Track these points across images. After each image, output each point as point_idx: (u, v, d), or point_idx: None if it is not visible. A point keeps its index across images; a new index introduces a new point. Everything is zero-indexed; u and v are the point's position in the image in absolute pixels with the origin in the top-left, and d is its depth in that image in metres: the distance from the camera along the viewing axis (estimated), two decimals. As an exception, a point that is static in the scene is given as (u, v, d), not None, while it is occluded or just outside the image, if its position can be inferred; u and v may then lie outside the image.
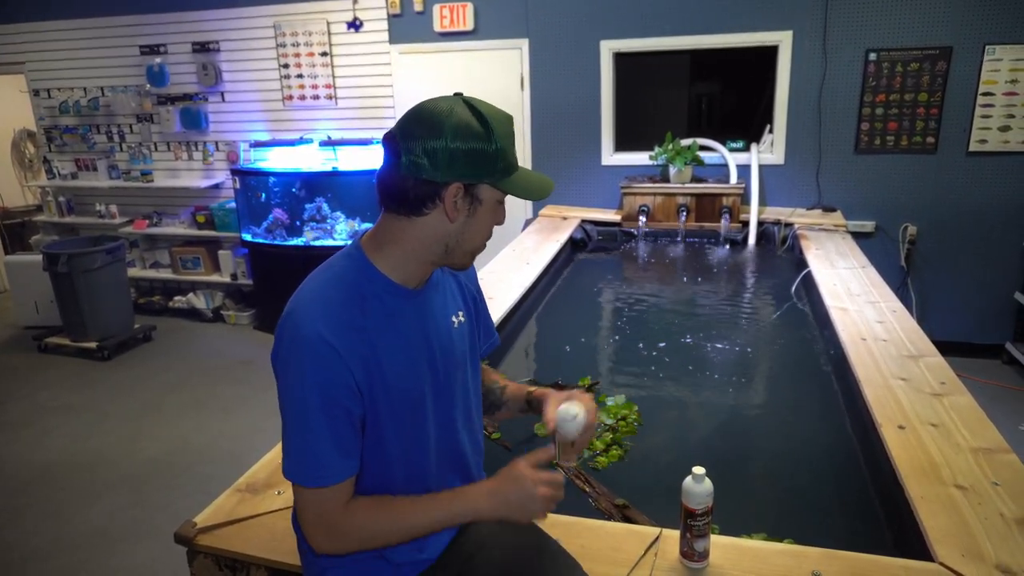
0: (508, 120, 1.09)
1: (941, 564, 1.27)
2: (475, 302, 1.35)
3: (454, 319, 1.25)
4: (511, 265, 3.42)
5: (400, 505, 1.12)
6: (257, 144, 5.32)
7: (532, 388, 1.41)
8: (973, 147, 4.08)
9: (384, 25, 4.94)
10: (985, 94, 4.00)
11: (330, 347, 1.03)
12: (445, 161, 1.03)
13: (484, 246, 1.18)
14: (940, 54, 4.00)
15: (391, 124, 4.52)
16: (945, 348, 2.41)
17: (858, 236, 4.15)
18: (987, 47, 3.93)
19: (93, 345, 4.83)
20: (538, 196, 1.12)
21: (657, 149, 4.39)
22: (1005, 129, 4.02)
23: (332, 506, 1.08)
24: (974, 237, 4.22)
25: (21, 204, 7.19)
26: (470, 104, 1.07)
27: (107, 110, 5.75)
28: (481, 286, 1.40)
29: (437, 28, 4.78)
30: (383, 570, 1.18)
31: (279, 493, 1.56)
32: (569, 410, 1.23)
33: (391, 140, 1.08)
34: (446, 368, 1.20)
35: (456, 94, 1.10)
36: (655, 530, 1.42)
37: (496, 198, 1.11)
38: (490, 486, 1.14)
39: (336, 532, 1.08)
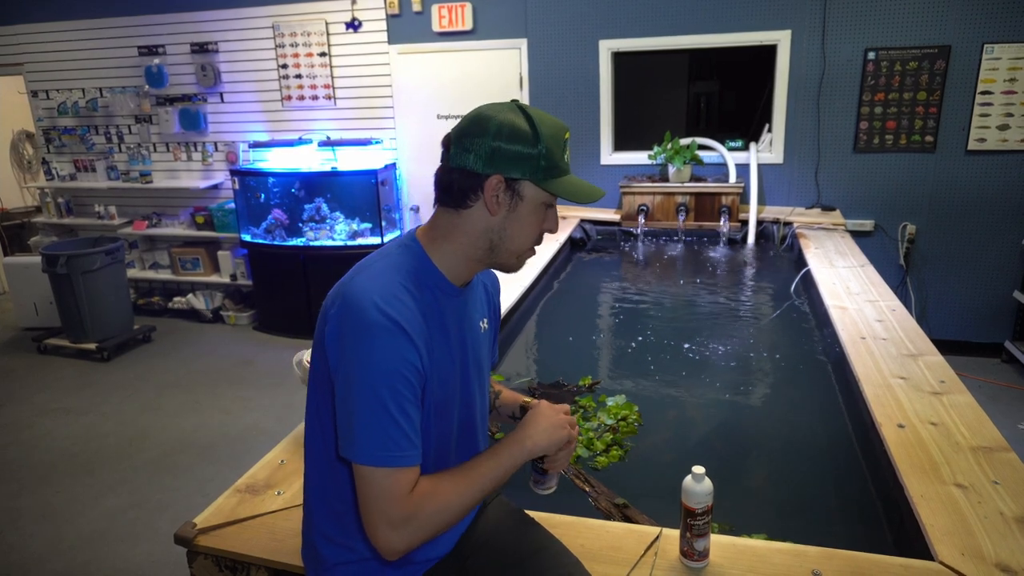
0: (561, 128, 1.15)
1: (941, 563, 1.27)
2: (496, 311, 1.39)
3: (481, 324, 1.28)
4: (510, 265, 3.41)
5: (462, 479, 1.11)
6: (256, 144, 5.32)
7: (527, 399, 1.43)
8: (972, 146, 4.08)
9: (383, 25, 4.94)
10: (984, 93, 4.00)
11: (400, 328, 1.04)
12: (487, 155, 1.10)
13: (533, 251, 1.23)
14: (939, 53, 4.00)
15: (390, 124, 4.53)
16: (944, 347, 2.41)
17: (857, 235, 4.15)
18: (986, 46, 3.93)
19: (92, 346, 4.83)
20: (584, 200, 1.17)
21: (656, 148, 4.39)
22: (1004, 128, 4.02)
23: (403, 491, 1.04)
24: (973, 236, 4.23)
25: (20, 205, 7.19)
26: (522, 108, 1.14)
27: (106, 111, 5.75)
28: None
29: (436, 28, 4.78)
30: (387, 571, 1.19)
31: (279, 494, 1.56)
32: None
33: (446, 140, 1.15)
34: (471, 370, 1.23)
35: (512, 101, 1.17)
36: (655, 529, 1.42)
37: (540, 199, 1.15)
38: (522, 429, 1.19)
39: (406, 521, 1.04)
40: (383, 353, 1.03)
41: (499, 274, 1.33)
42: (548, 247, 3.80)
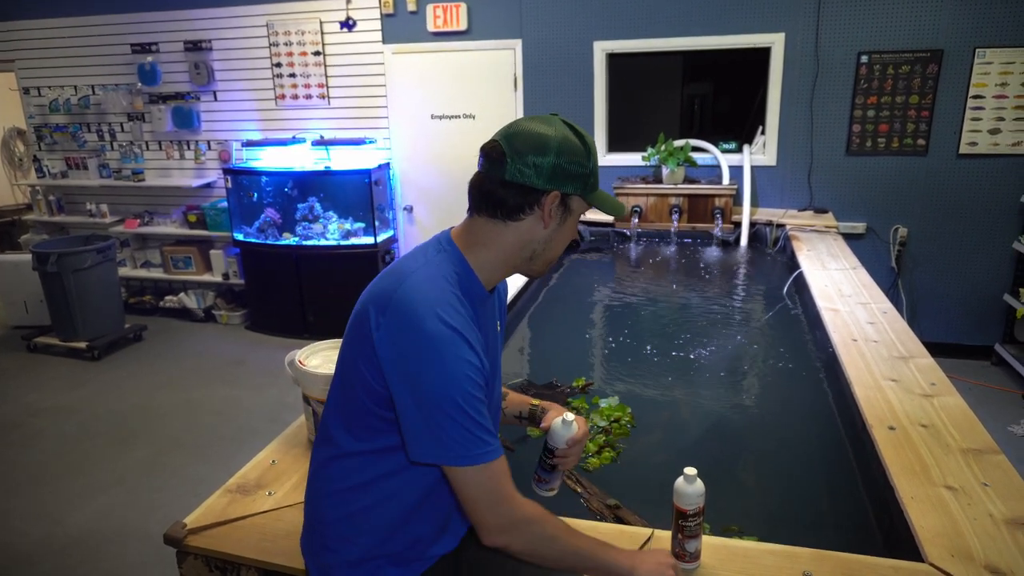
0: (593, 141, 1.22)
1: (931, 564, 1.28)
2: (505, 314, 1.42)
3: (497, 325, 1.33)
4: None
5: (567, 528, 1.18)
6: (249, 143, 5.30)
7: (537, 401, 1.47)
8: (963, 149, 4.11)
9: (377, 25, 4.93)
10: (975, 97, 4.02)
11: (462, 336, 1.07)
12: (549, 172, 1.14)
13: (559, 257, 1.29)
14: (931, 57, 4.02)
15: (384, 124, 4.51)
16: (935, 349, 2.42)
17: (849, 237, 4.17)
18: (977, 50, 3.95)
19: (83, 345, 4.80)
20: (617, 213, 1.28)
21: (650, 150, 4.40)
22: (995, 131, 4.04)
23: (504, 480, 1.10)
24: (964, 239, 4.25)
25: (11, 203, 7.15)
26: (569, 124, 1.19)
27: (98, 108, 5.72)
28: None
29: (430, 28, 4.78)
30: (390, 565, 1.19)
31: (270, 494, 1.56)
32: (566, 416, 1.34)
33: (495, 151, 1.16)
34: (494, 371, 1.27)
35: (553, 115, 1.21)
36: (647, 531, 1.42)
37: (582, 211, 1.23)
38: (636, 559, 1.20)
39: (514, 516, 1.11)
40: (454, 363, 1.06)
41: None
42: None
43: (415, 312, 1.06)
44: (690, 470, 1.24)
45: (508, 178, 1.14)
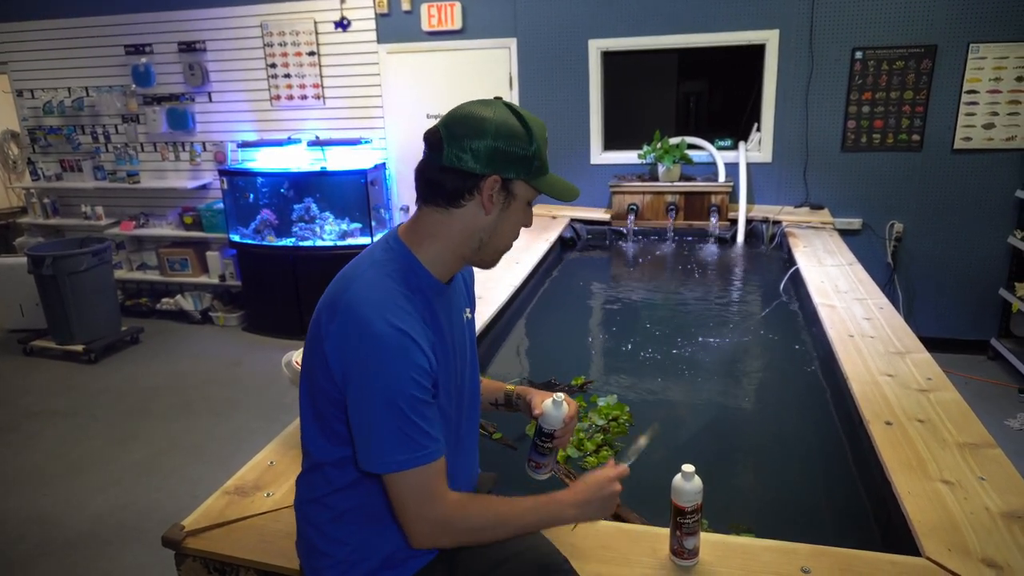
0: (543, 127, 1.18)
1: (928, 559, 1.28)
2: (473, 299, 1.42)
3: (465, 314, 1.32)
4: (501, 264, 3.40)
5: (499, 504, 1.17)
6: (245, 144, 5.29)
7: (511, 385, 1.47)
8: (958, 144, 4.12)
9: (372, 24, 4.92)
10: (969, 92, 4.03)
11: (407, 336, 1.06)
12: (486, 156, 1.12)
13: (511, 246, 1.25)
14: (925, 52, 4.03)
15: (380, 124, 4.50)
16: (931, 344, 2.43)
17: (845, 233, 4.18)
18: (971, 45, 3.96)
19: (79, 348, 4.79)
20: (567, 198, 1.21)
21: (646, 148, 4.40)
22: (989, 127, 4.05)
23: (435, 484, 1.10)
24: (959, 234, 4.26)
25: (5, 206, 7.12)
26: (511, 108, 1.16)
27: (92, 110, 5.70)
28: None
29: (425, 27, 4.77)
30: (382, 567, 1.19)
31: (268, 495, 1.56)
32: (556, 397, 1.34)
33: (434, 136, 1.14)
34: (461, 361, 1.26)
35: (496, 98, 1.18)
36: (645, 528, 1.42)
37: (528, 197, 1.19)
38: (578, 495, 1.20)
39: (444, 520, 1.10)
40: (396, 365, 1.05)
41: (476, 268, 1.35)
42: (538, 246, 3.80)
43: (361, 316, 1.06)
44: (688, 467, 1.24)
45: (446, 163, 1.13)
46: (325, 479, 1.19)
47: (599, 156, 4.73)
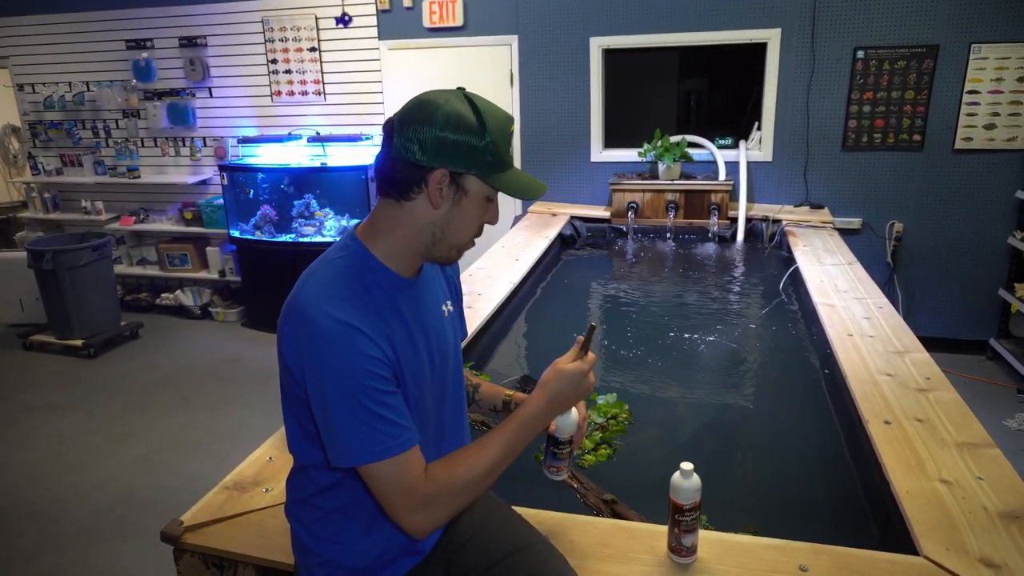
0: (506, 120, 1.12)
1: (926, 558, 1.29)
2: (457, 290, 1.39)
3: (444, 308, 1.28)
4: (500, 261, 3.42)
5: (470, 452, 1.13)
6: (245, 140, 5.29)
7: (510, 392, 1.44)
8: (959, 145, 4.12)
9: (373, 20, 4.91)
10: (971, 92, 4.03)
11: (353, 328, 1.04)
12: (433, 147, 1.06)
13: (471, 243, 1.19)
14: (927, 52, 4.03)
15: (380, 120, 4.51)
16: (930, 344, 2.43)
17: (845, 233, 4.18)
18: (973, 46, 3.96)
19: (79, 343, 4.79)
20: (526, 196, 1.14)
21: (646, 146, 4.39)
22: (990, 127, 4.05)
23: (413, 472, 1.07)
24: (960, 234, 4.26)
25: (5, 200, 7.12)
26: (468, 98, 1.09)
27: (93, 105, 5.69)
28: (470, 281, 1.43)
29: (426, 24, 4.77)
30: (373, 566, 1.19)
31: (267, 491, 1.56)
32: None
33: (388, 125, 1.11)
34: (441, 356, 1.23)
35: (458, 88, 1.12)
36: (644, 525, 1.43)
37: (484, 193, 1.13)
38: (541, 392, 1.17)
39: (427, 500, 1.08)
40: (346, 357, 1.03)
41: (481, 265, 1.34)
42: (538, 244, 3.80)
43: (307, 314, 1.05)
44: (687, 465, 1.25)
45: (394, 153, 1.09)
46: (311, 480, 1.18)
47: (599, 154, 4.73)
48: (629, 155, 4.64)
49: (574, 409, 1.30)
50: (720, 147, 4.44)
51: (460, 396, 1.34)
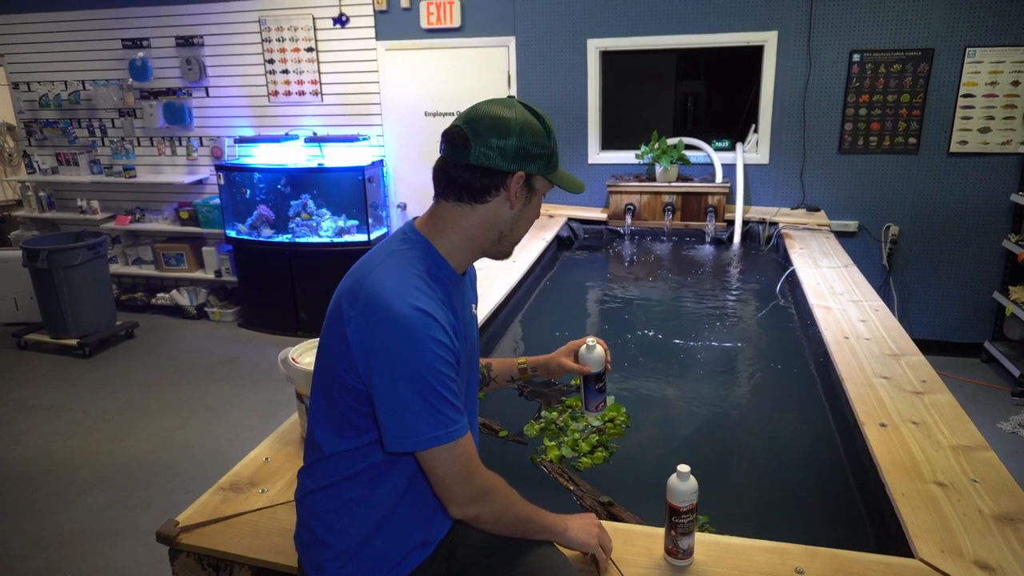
0: (551, 120, 1.26)
1: (921, 560, 1.29)
2: (476, 293, 1.46)
3: (472, 307, 1.37)
4: (497, 263, 3.41)
5: (516, 496, 1.23)
6: (242, 140, 5.28)
7: (522, 359, 1.62)
8: (954, 148, 4.13)
9: (370, 21, 4.91)
10: (966, 96, 4.04)
11: (429, 316, 1.10)
12: (513, 153, 1.17)
13: (523, 237, 1.32)
14: (922, 56, 4.04)
15: (378, 121, 4.49)
16: (926, 347, 2.44)
17: (841, 235, 4.19)
18: (968, 49, 3.97)
19: (74, 342, 4.78)
20: (577, 190, 1.30)
21: (643, 148, 4.40)
22: (985, 130, 4.07)
23: (471, 455, 1.15)
24: (955, 237, 4.28)
25: (1, 199, 7.09)
26: (527, 106, 1.22)
27: (88, 104, 5.68)
28: None
29: (424, 25, 4.77)
30: (385, 559, 1.20)
31: (263, 491, 1.55)
32: (588, 342, 1.53)
33: (458, 135, 1.18)
34: (471, 351, 1.32)
35: (510, 97, 1.25)
36: (640, 528, 1.43)
37: (544, 190, 1.26)
38: (576, 524, 1.29)
39: (482, 487, 1.16)
40: (420, 342, 1.08)
41: (479, 266, 1.42)
42: (536, 245, 3.80)
43: (382, 299, 1.09)
44: (683, 467, 1.25)
45: (473, 161, 1.17)
46: (332, 469, 1.20)
47: (597, 156, 4.73)
48: (626, 157, 4.64)
49: (598, 345, 1.52)
50: (717, 149, 4.45)
51: (475, 392, 1.41)
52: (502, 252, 1.29)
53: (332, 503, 1.20)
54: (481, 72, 4.81)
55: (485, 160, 1.17)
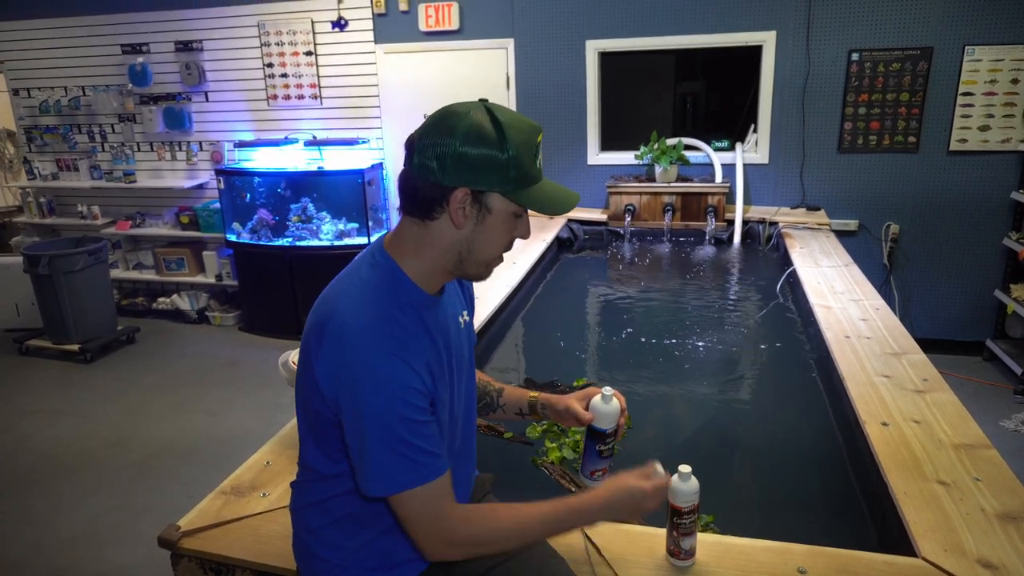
0: (532, 131, 1.06)
1: (924, 559, 1.29)
2: (472, 299, 1.38)
3: (461, 319, 1.26)
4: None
5: (509, 514, 1.11)
6: (241, 144, 5.28)
7: (534, 393, 1.44)
8: (953, 146, 4.13)
9: (369, 24, 4.92)
10: (965, 94, 4.04)
11: (398, 359, 1.02)
12: (452, 164, 1.02)
13: (501, 258, 1.16)
14: (921, 54, 4.04)
15: (377, 124, 4.51)
16: (927, 345, 2.43)
17: (841, 235, 4.19)
18: (967, 48, 3.97)
19: (75, 347, 4.78)
20: (556, 211, 1.08)
21: (643, 148, 4.40)
22: (984, 128, 4.07)
23: (442, 502, 1.06)
24: (955, 235, 4.27)
25: (1, 205, 7.10)
26: (490, 110, 1.04)
27: (88, 110, 5.68)
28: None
29: (422, 27, 4.77)
30: (380, 573, 1.19)
31: (264, 495, 1.55)
32: (604, 392, 1.28)
33: (409, 141, 1.08)
34: (459, 368, 1.22)
35: (481, 100, 1.08)
36: (642, 528, 1.42)
37: (510, 210, 1.08)
38: (605, 498, 1.16)
39: (449, 535, 1.07)
40: (389, 390, 1.01)
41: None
42: (535, 247, 3.80)
43: (349, 342, 1.02)
44: (685, 467, 1.24)
45: (414, 172, 1.05)
46: (325, 487, 1.18)
47: (596, 157, 4.73)
48: (626, 158, 4.64)
49: (614, 397, 1.28)
50: (717, 149, 4.45)
51: (472, 406, 1.33)
52: (468, 274, 1.15)
53: (327, 518, 1.18)
54: (480, 74, 4.81)
55: (424, 171, 1.03)
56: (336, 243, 4.96)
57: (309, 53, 5.08)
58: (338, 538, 1.18)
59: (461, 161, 1.01)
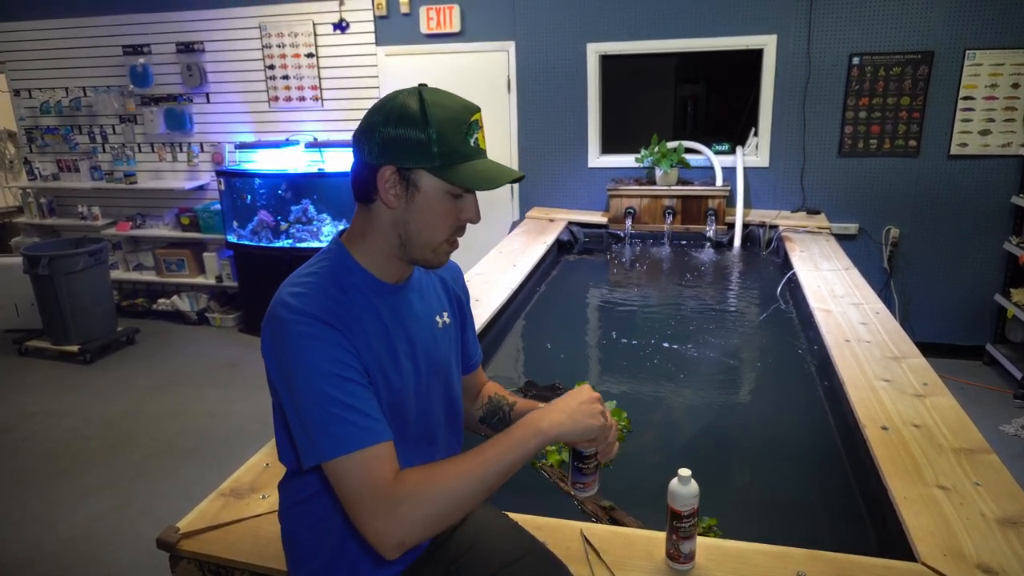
0: (463, 110, 1.07)
1: (923, 564, 1.28)
2: (460, 304, 1.35)
3: (438, 319, 1.25)
4: (498, 266, 3.42)
5: (461, 464, 1.03)
6: (242, 145, 5.29)
7: (542, 406, 1.40)
8: (954, 150, 4.13)
9: (370, 27, 4.92)
10: (966, 98, 4.05)
11: (322, 322, 1.03)
12: (378, 144, 1.06)
13: (449, 243, 1.14)
14: (922, 58, 4.05)
15: (377, 126, 4.28)
16: (927, 349, 2.43)
17: (842, 238, 4.19)
18: (967, 52, 3.98)
19: (75, 348, 4.77)
20: (487, 186, 1.07)
21: (643, 151, 4.41)
22: (985, 132, 4.07)
23: (382, 470, 0.99)
24: (955, 239, 4.28)
25: (1, 205, 7.10)
26: (424, 92, 1.07)
27: (89, 111, 5.69)
28: (468, 286, 1.40)
29: (424, 30, 4.78)
30: (367, 568, 1.18)
31: (264, 497, 1.55)
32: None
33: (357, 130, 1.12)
34: (429, 366, 1.20)
35: (420, 85, 1.10)
36: (641, 532, 1.42)
37: (442, 188, 1.08)
38: (549, 407, 1.12)
39: (394, 503, 0.97)
40: (312, 348, 1.01)
41: (479, 271, 1.32)
42: (536, 249, 3.80)
43: (277, 313, 1.04)
44: (684, 471, 1.24)
45: (354, 156, 1.11)
46: (304, 484, 1.18)
47: (597, 159, 4.74)
48: (626, 161, 4.65)
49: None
50: (717, 153, 4.46)
51: (455, 412, 1.31)
52: (415, 259, 1.14)
53: (310, 517, 1.18)
54: (481, 77, 4.82)
55: (359, 154, 1.09)
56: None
57: (310, 55, 5.09)
58: (323, 536, 1.17)
59: (386, 140, 1.05)
